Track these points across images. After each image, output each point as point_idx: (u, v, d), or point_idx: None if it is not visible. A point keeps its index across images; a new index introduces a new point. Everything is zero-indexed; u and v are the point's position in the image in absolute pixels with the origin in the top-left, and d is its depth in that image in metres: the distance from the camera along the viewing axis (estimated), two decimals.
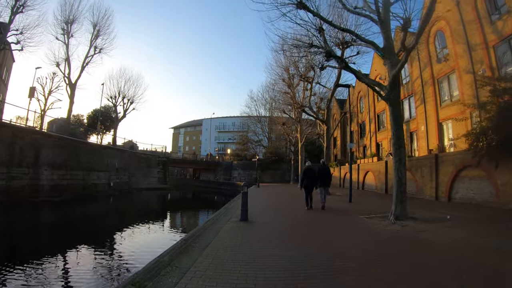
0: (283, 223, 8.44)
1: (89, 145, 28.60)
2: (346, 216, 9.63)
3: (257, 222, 8.23)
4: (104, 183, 29.87)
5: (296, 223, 8.45)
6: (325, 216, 9.80)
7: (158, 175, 38.46)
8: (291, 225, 8.05)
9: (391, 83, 8.88)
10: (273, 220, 8.89)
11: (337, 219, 9.24)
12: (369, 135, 31.74)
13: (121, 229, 13.02)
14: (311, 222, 8.67)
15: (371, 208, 11.46)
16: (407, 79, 25.20)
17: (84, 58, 33.98)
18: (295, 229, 7.50)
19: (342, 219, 9.20)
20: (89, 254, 8.90)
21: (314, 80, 20.75)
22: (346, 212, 10.56)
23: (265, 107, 56.07)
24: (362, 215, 9.69)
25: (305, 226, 7.96)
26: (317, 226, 8.03)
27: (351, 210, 11.10)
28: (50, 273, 6.65)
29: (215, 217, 9.83)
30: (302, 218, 9.40)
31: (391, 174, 19.03)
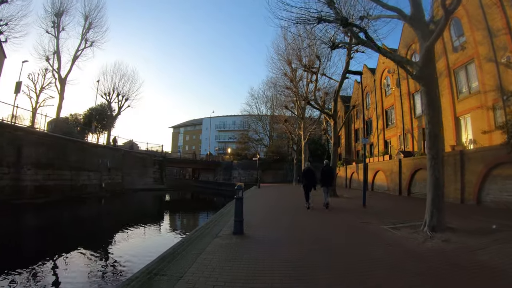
0: (288, 238, 6.53)
1: (78, 143, 26.78)
2: (366, 225, 7.78)
3: (255, 237, 6.35)
4: (95, 184, 28.10)
5: (306, 237, 6.53)
6: (340, 226, 7.95)
7: (154, 175, 36.64)
8: (300, 241, 6.15)
9: (424, 57, 7.04)
10: (276, 233, 7.00)
11: (356, 230, 7.37)
12: (376, 133, 29.89)
13: (105, 234, 11.73)
14: (325, 235, 6.79)
15: (392, 214, 9.65)
16: None
17: (75, 51, 32.25)
18: (307, 247, 5.64)
19: (363, 230, 7.34)
20: (64, 263, 7.55)
21: (319, 72, 18.89)
22: (364, 219, 8.70)
23: (266, 104, 54.35)
24: (385, 224, 7.86)
25: (318, 242, 6.08)
26: (334, 241, 6.17)
27: (369, 217, 9.25)
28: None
29: (204, 227, 7.99)
30: (313, 229, 7.53)
31: (405, 174, 17.29)
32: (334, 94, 17.48)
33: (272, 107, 52.25)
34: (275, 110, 51.02)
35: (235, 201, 6.43)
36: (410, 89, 24.00)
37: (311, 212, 10.59)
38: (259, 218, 9.27)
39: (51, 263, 7.37)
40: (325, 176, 11.89)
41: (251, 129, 54.88)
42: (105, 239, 11.03)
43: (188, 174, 62.15)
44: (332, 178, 12.75)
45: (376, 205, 12.19)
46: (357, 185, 25.07)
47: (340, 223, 8.26)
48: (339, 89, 17.23)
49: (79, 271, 6.82)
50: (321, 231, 7.25)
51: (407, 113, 24.13)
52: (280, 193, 21.14)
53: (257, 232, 6.91)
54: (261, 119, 54.09)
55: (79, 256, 8.31)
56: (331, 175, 12.21)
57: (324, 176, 11.90)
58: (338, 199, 16.00)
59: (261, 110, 55.00)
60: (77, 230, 13.45)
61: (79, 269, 6.96)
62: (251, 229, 7.22)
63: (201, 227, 7.88)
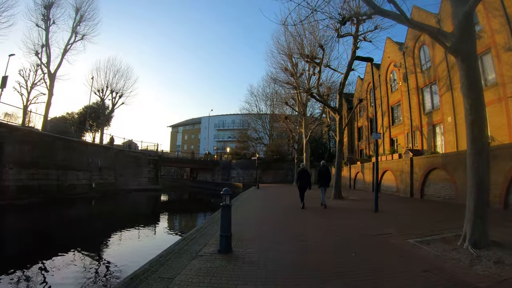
0: (292, 260, 4.87)
1: (66, 141, 25.27)
2: (386, 239, 6.27)
3: (246, 258, 4.75)
4: (84, 184, 26.61)
5: (315, 259, 4.99)
6: (357, 239, 6.35)
7: (149, 175, 35.11)
8: (308, 265, 4.63)
9: (461, 26, 5.54)
10: (275, 251, 5.39)
11: (376, 245, 5.83)
12: (381, 130, 28.38)
13: (87, 239, 10.85)
14: (340, 254, 5.25)
15: (413, 222, 8.17)
16: (427, 64, 21.88)
17: (65, 45, 30.75)
18: (318, 274, 4.15)
19: (384, 245, 5.83)
20: (39, 270, 6.73)
21: (323, 63, 17.39)
22: (380, 229, 7.20)
23: (265, 102, 52.84)
24: (408, 236, 6.36)
25: (330, 265, 4.59)
26: (352, 267, 4.62)
27: (386, 225, 7.74)
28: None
29: (186, 239, 6.48)
30: (322, 244, 5.97)
31: (417, 174, 15.78)
32: (339, 86, 15.99)
33: (272, 105, 50.81)
34: (275, 108, 49.59)
35: (221, 210, 4.95)
36: (418, 84, 22.53)
37: (316, 219, 9.11)
38: (254, 227, 7.77)
39: (25, 271, 6.65)
40: (322, 176, 12.29)
41: (251, 128, 53.37)
42: (85, 244, 9.80)
43: (186, 174, 60.63)
44: (329, 179, 12.92)
45: (390, 210, 10.68)
46: (362, 186, 23.57)
47: (354, 236, 6.70)
48: (345, 80, 15.75)
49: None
50: (331, 248, 5.70)
51: (416, 109, 22.64)
52: (280, 195, 19.65)
53: (250, 249, 5.38)
54: (261, 117, 52.61)
55: (56, 262, 7.48)
56: (328, 175, 12.57)
57: (321, 176, 12.32)
58: (344, 201, 14.52)
59: (260, 108, 53.58)
60: (58, 234, 12.24)
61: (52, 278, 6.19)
62: (243, 243, 5.72)
63: (182, 240, 6.37)
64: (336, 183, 15.95)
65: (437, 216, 9.56)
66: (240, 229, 7.28)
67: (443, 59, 19.75)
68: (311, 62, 17.24)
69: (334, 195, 15.59)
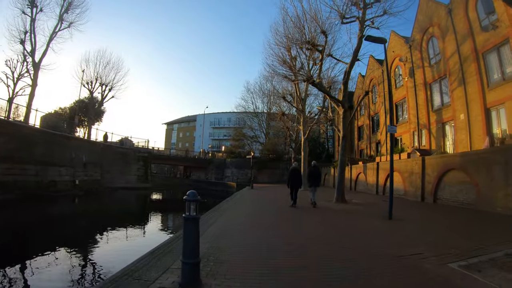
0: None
1: (46, 134, 23.46)
2: (417, 262, 4.59)
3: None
4: (66, 181, 24.84)
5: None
6: (377, 263, 4.63)
7: (138, 173, 33.31)
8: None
9: None
10: (267, 282, 3.77)
11: (408, 274, 4.15)
12: (384, 129, 26.82)
13: (60, 241, 9.69)
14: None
15: (441, 235, 6.52)
16: (436, 58, 20.32)
17: (51, 33, 28.90)
18: None
19: (418, 274, 4.15)
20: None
21: (325, 51, 15.73)
22: (406, 248, 5.51)
23: (262, 100, 51.19)
24: (447, 258, 4.72)
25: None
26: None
27: (409, 240, 6.07)
28: None
29: (146, 258, 4.81)
30: (331, 275, 4.27)
31: (430, 176, 14.10)
32: (344, 76, 14.33)
33: (269, 102, 49.17)
34: (272, 105, 47.98)
35: (183, 225, 3.27)
36: (426, 79, 20.97)
37: (319, 230, 7.47)
38: (241, 239, 6.08)
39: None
40: (313, 177, 12.54)
41: (247, 126, 51.67)
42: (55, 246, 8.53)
43: (180, 173, 58.88)
44: (320, 179, 13.27)
45: (404, 217, 9.02)
46: (363, 188, 21.97)
47: (372, 257, 4.98)
48: (350, 69, 14.09)
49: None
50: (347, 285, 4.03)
51: (423, 106, 21.08)
52: (275, 196, 17.97)
53: (231, 280, 3.69)
54: (257, 115, 50.97)
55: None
56: (318, 175, 12.84)
57: (312, 177, 12.58)
58: (348, 206, 12.84)
59: (257, 106, 51.94)
60: (30, 235, 10.83)
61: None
62: (221, 268, 4.05)
63: (138, 261, 4.66)
64: (339, 185, 14.31)
65: (465, 226, 7.95)
66: (222, 242, 5.64)
67: (455, 51, 18.21)
68: (313, 49, 15.58)
69: (336, 198, 13.96)
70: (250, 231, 7.02)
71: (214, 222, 8.07)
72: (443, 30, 19.44)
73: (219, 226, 7.51)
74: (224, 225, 7.62)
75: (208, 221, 8.30)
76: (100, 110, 40.75)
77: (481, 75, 16.38)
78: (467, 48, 17.36)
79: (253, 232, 6.90)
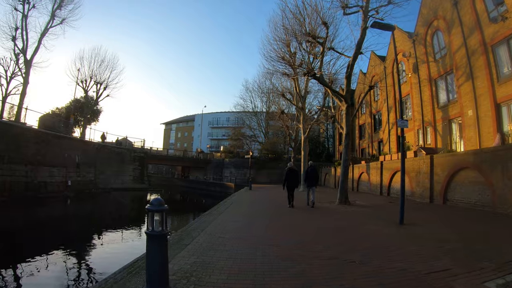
0: None
1: (36, 133, 22.59)
2: (447, 281, 3.73)
3: None
4: (58, 182, 23.92)
5: None
6: (399, 283, 3.84)
7: (134, 173, 32.36)
8: None
9: None
10: None
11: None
12: (387, 127, 26.00)
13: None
14: None
15: (466, 245, 5.64)
16: (442, 52, 19.50)
17: (43, 29, 27.99)
18: None
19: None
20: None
21: (326, 44, 14.87)
22: (430, 262, 4.65)
23: (261, 99, 50.31)
24: (481, 274, 3.88)
25: None
26: None
27: (434, 253, 5.18)
28: None
29: (120, 275, 3.95)
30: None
31: (439, 175, 13.19)
32: (347, 69, 13.47)
33: (268, 101, 48.31)
34: (271, 104, 47.11)
35: (146, 244, 2.42)
36: (431, 74, 20.13)
37: (325, 238, 6.63)
38: (231, 253, 5.16)
39: None
40: (310, 177, 12.58)
41: (246, 125, 50.77)
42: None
43: (178, 173, 57.99)
44: (317, 179, 13.23)
45: (417, 221, 8.11)
46: (366, 188, 21.13)
47: (391, 275, 4.13)
48: (353, 62, 13.23)
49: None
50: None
51: (428, 103, 20.24)
52: (274, 198, 17.07)
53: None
54: (256, 114, 50.12)
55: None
56: (315, 176, 12.85)
57: (309, 177, 12.60)
58: (352, 208, 11.94)
59: (256, 105, 51.10)
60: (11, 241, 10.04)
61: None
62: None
63: (105, 281, 3.80)
64: (342, 185, 13.45)
65: (486, 231, 7.09)
66: (210, 256, 4.77)
67: (462, 44, 17.40)
68: (313, 41, 14.73)
69: (340, 200, 13.12)
70: (244, 240, 6.15)
71: (205, 228, 7.22)
72: (449, 23, 18.62)
73: (210, 233, 6.67)
74: (215, 232, 6.77)
75: (199, 227, 7.47)
76: (97, 109, 39.95)
77: (490, 69, 15.56)
78: (475, 41, 16.55)
79: (248, 241, 6.03)
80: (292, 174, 12.35)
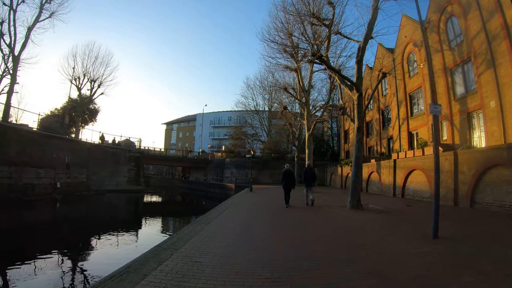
0: None
1: (21, 132, 21.15)
2: None
3: None
4: (46, 184, 22.49)
5: None
6: None
7: (129, 174, 30.84)
8: None
9: None
10: None
11: None
12: (396, 123, 24.27)
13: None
14: None
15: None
16: (457, 39, 17.77)
17: (31, 23, 26.58)
18: None
19: None
20: None
21: (333, 28, 13.22)
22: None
23: (263, 96, 48.70)
24: None
25: None
26: None
27: (496, 284, 3.55)
28: None
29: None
30: None
31: (465, 174, 11.32)
32: (357, 53, 11.78)
33: (270, 99, 46.71)
34: (273, 103, 45.52)
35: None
36: (446, 64, 18.41)
37: (335, 270, 5.02)
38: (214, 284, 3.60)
39: None
40: (308, 177, 13.02)
41: (247, 124, 49.15)
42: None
43: (178, 174, 56.49)
44: (315, 179, 13.55)
45: (453, 234, 6.37)
46: (377, 189, 19.43)
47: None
48: (365, 45, 11.55)
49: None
50: None
51: (443, 95, 18.51)
52: (275, 202, 15.34)
53: None
54: (258, 112, 48.54)
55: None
56: (313, 176, 13.27)
57: (307, 177, 13.04)
58: (367, 214, 10.13)
59: (258, 103, 49.53)
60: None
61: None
62: None
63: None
64: (354, 187, 11.76)
65: None
66: None
67: (481, 29, 15.70)
68: (319, 23, 13.09)
69: (351, 203, 11.43)
70: (230, 268, 4.49)
71: (182, 246, 5.61)
72: (465, 7, 16.91)
73: (186, 254, 5.06)
74: (192, 253, 5.13)
75: (174, 244, 5.88)
76: (94, 109, 38.54)
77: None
78: (496, 24, 14.85)
79: (234, 269, 4.39)
80: (288, 175, 12.95)
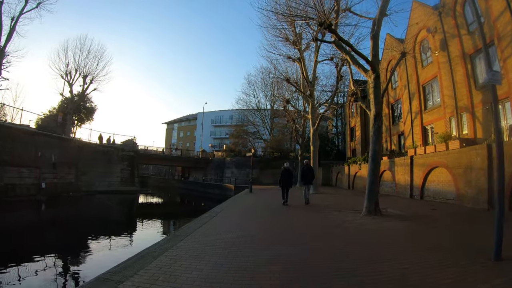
0: None
1: (2, 128, 19.52)
2: None
3: None
4: (29, 184, 20.82)
5: None
6: None
7: (122, 174, 29.13)
8: None
9: None
10: None
11: None
12: (409, 118, 22.38)
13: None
14: None
15: None
16: (475, 24, 15.84)
17: (16, 14, 24.96)
18: None
19: None
20: None
21: (341, 5, 11.43)
22: None
23: (265, 93, 46.85)
24: None
25: None
26: None
27: None
28: None
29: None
30: None
31: (505, 171, 9.75)
32: (373, 27, 9.94)
33: (272, 95, 44.85)
34: (276, 100, 43.64)
35: None
36: (465, 50, 16.52)
37: None
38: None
39: None
40: (305, 176, 13.05)
41: (249, 122, 47.32)
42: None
43: (178, 174, 54.83)
44: (312, 177, 13.62)
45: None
46: (390, 190, 17.55)
47: None
48: (381, 17, 9.72)
49: None
50: None
51: (463, 84, 16.62)
52: (275, 205, 13.37)
53: None
54: (260, 110, 46.75)
55: None
56: (311, 174, 13.25)
57: (305, 176, 13.10)
58: (389, 222, 8.00)
59: (259, 100, 47.72)
60: None
61: None
62: None
63: None
64: (371, 188, 9.61)
65: None
66: None
67: (505, 8, 13.83)
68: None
69: (367, 209, 9.25)
70: None
71: (139, 272, 3.85)
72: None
73: (173, 261, 3.32)
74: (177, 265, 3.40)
75: (134, 265, 4.13)
76: (91, 107, 37.01)
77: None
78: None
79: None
80: (286, 174, 13.09)
